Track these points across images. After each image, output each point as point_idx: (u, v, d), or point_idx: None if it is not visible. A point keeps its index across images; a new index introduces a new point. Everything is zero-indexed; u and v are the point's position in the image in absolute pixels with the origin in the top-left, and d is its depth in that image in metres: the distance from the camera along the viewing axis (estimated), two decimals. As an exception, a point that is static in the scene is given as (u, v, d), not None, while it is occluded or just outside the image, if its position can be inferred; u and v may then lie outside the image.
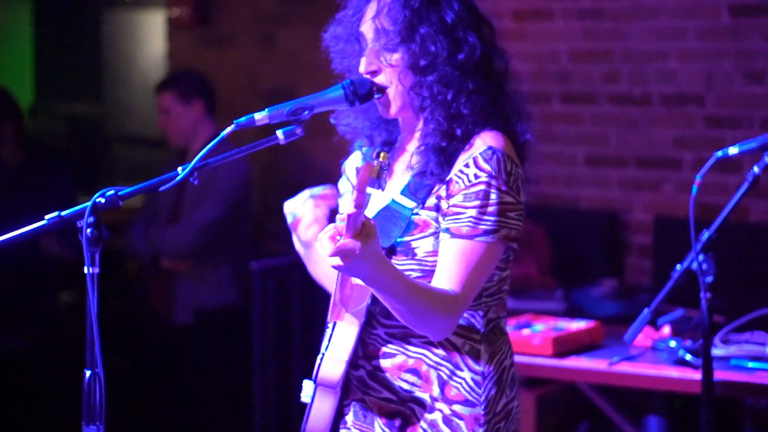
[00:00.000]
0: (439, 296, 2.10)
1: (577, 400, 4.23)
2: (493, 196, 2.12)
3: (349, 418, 2.29)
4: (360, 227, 1.91)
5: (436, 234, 2.17)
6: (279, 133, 2.13)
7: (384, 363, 2.24)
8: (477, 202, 2.12)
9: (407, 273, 2.15)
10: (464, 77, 2.17)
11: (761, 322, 3.46)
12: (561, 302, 4.67)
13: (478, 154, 2.14)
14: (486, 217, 2.13)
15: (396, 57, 2.18)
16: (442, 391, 2.21)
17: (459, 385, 2.21)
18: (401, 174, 2.27)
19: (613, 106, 5.14)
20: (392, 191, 2.26)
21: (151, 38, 7.53)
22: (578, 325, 3.69)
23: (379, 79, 2.21)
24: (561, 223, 5.09)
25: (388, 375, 2.23)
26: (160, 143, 6.66)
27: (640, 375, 3.41)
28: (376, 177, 1.82)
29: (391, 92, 2.21)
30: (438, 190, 2.18)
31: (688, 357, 3.37)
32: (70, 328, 5.23)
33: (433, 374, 2.21)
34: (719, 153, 2.87)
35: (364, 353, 2.25)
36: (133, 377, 5.17)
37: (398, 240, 2.19)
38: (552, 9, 5.24)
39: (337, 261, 1.92)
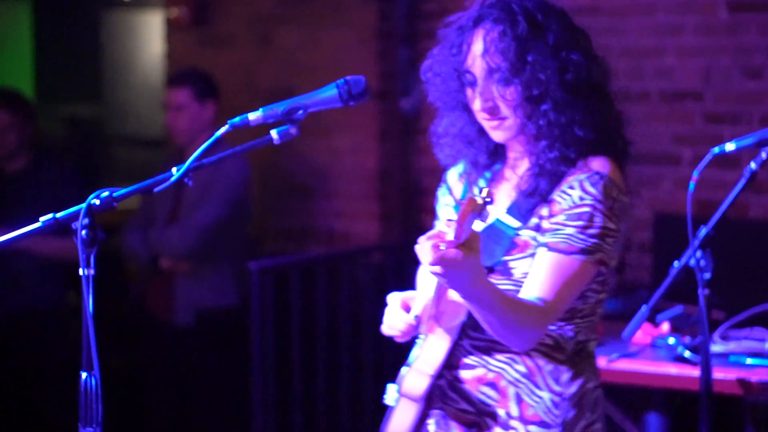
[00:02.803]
0: (530, 307, 2.10)
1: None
2: (597, 219, 2.16)
3: (431, 427, 2.29)
4: (464, 239, 1.88)
5: (534, 255, 2.18)
6: (273, 132, 2.13)
7: (464, 374, 2.24)
8: (580, 222, 2.15)
9: None
10: (576, 99, 2.18)
11: (760, 319, 3.46)
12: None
13: (585, 177, 2.18)
14: (586, 238, 2.15)
15: (510, 91, 2.19)
16: (518, 408, 2.20)
17: (536, 405, 2.21)
18: (507, 194, 2.28)
19: (612, 102, 5.12)
20: (497, 211, 2.26)
21: (149, 39, 7.54)
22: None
23: (497, 113, 2.21)
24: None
25: (467, 386, 2.23)
26: (160, 143, 6.66)
27: (639, 372, 3.40)
28: (478, 213, 1.80)
29: (508, 123, 2.22)
30: (540, 209, 2.20)
31: (687, 354, 3.36)
32: (72, 329, 5.23)
33: (511, 390, 2.21)
34: (716, 149, 2.86)
35: (448, 363, 2.25)
36: (133, 378, 5.16)
37: (499, 260, 2.19)
38: (549, 6, 5.23)
39: (438, 269, 1.89)
